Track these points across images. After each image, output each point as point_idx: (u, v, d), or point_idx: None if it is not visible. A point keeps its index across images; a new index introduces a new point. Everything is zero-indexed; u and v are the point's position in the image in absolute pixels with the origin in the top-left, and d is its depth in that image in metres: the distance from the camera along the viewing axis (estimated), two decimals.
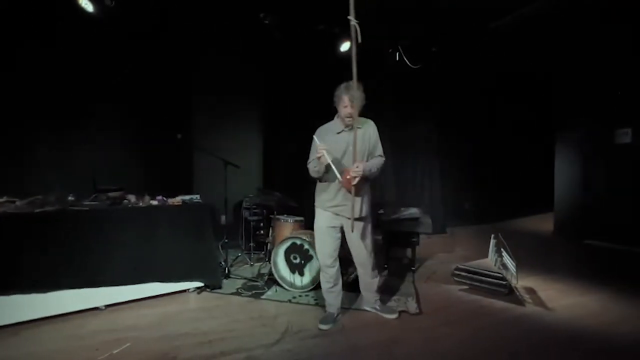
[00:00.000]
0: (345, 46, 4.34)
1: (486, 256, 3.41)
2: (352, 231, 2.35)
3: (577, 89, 5.07)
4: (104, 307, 2.64)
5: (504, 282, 2.87)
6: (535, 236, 5.42)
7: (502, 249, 3.24)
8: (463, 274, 3.09)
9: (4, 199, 2.58)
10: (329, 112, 2.43)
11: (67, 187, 2.88)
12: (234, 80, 4.61)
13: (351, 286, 3.05)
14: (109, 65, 3.77)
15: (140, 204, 2.91)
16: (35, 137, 3.49)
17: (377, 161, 2.38)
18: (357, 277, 3.25)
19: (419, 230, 3.54)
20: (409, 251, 3.68)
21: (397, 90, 5.03)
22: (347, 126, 2.33)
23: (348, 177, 2.21)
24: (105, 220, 2.65)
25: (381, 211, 3.63)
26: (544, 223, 5.86)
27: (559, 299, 2.83)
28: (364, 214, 2.39)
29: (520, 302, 2.79)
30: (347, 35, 4.31)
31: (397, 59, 4.70)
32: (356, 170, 2.19)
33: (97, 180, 3.00)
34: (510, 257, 3.07)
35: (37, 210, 2.48)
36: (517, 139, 6.64)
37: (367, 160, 2.35)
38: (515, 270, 2.98)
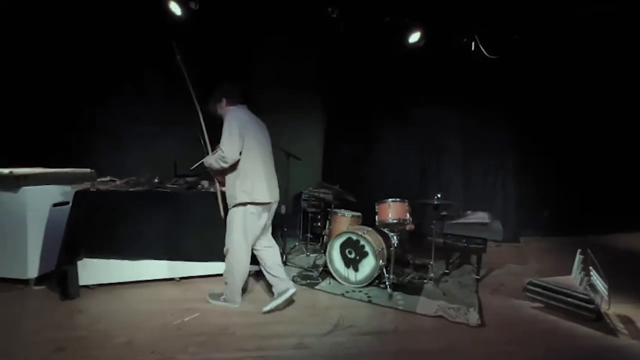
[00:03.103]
0: (414, 37, 4.13)
1: (567, 273, 2.97)
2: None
3: None
4: (178, 279, 2.99)
5: (591, 306, 2.47)
6: (636, 257, 4.56)
7: (590, 267, 2.79)
8: (538, 289, 2.74)
9: (108, 178, 3.10)
10: (395, 106, 2.33)
11: (154, 171, 3.29)
12: (297, 73, 4.70)
13: (408, 288, 2.95)
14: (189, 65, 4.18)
15: (212, 189, 3.19)
16: (131, 131, 4.15)
17: (212, 155, 2.50)
18: (412, 278, 3.15)
19: (487, 237, 3.24)
20: (473, 258, 3.40)
21: (471, 82, 4.63)
22: None
23: None
24: (183, 202, 2.97)
25: (444, 212, 3.40)
26: None
27: None
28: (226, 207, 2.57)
29: (611, 331, 2.38)
30: (416, 26, 4.11)
31: (473, 49, 4.30)
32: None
33: (177, 166, 3.40)
34: (602, 277, 2.63)
35: (131, 189, 2.90)
36: (617, 141, 5.59)
37: None
38: (607, 293, 2.54)
